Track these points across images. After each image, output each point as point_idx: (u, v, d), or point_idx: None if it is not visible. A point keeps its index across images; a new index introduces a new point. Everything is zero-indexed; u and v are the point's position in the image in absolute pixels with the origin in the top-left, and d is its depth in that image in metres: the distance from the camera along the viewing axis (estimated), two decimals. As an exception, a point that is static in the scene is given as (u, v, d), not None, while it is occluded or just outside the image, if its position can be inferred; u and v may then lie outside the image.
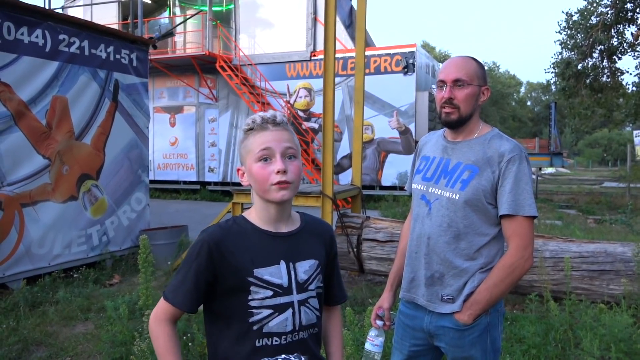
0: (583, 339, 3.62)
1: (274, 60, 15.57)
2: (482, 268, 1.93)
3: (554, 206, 14.24)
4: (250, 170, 1.40)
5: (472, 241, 1.93)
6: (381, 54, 14.29)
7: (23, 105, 5.59)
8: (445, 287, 1.96)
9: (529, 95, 63.21)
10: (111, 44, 6.66)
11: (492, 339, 1.97)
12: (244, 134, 1.43)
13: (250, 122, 1.42)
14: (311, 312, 1.44)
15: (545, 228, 9.90)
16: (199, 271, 1.36)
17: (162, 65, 15.94)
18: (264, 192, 1.39)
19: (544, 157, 15.24)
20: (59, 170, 6.01)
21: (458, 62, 1.96)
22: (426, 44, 50.97)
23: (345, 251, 5.52)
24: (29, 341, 4.17)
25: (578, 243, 4.90)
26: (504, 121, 53.50)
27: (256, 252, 1.39)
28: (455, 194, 1.93)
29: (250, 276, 1.36)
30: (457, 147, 2.00)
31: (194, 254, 1.38)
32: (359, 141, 6.17)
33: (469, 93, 1.92)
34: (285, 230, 1.46)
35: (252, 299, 1.36)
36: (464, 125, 1.97)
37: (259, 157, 1.38)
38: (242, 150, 1.43)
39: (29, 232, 5.66)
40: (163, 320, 1.39)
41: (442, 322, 1.97)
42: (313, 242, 1.50)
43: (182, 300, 1.37)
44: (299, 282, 1.42)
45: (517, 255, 1.87)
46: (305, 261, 1.45)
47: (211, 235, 1.39)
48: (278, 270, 1.39)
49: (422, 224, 2.03)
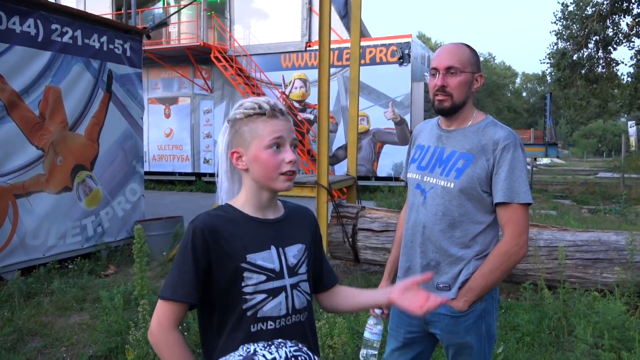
0: (577, 327, 3.66)
1: (269, 51, 15.50)
2: (477, 255, 1.94)
3: (549, 196, 14.30)
4: (257, 156, 1.39)
5: (467, 229, 1.93)
6: (377, 44, 14.24)
7: (15, 95, 5.54)
8: (441, 275, 1.96)
9: (525, 87, 63.25)
10: (104, 34, 6.60)
11: (487, 326, 1.98)
12: (248, 117, 1.40)
13: (256, 107, 1.40)
14: (302, 296, 1.46)
15: (540, 218, 9.94)
16: (196, 259, 1.34)
17: (157, 56, 15.84)
18: (269, 179, 1.39)
19: (539, 148, 15.28)
20: (52, 161, 5.98)
21: (451, 49, 1.94)
22: (422, 34, 50.86)
23: (341, 241, 5.53)
24: (23, 331, 4.16)
25: (572, 232, 4.93)
26: (500, 112, 53.52)
27: (248, 238, 1.39)
28: (450, 183, 1.92)
29: (243, 262, 1.36)
30: (452, 136, 1.99)
31: (189, 242, 1.35)
32: (354, 131, 6.16)
33: (461, 80, 1.91)
34: (272, 217, 1.47)
35: (245, 285, 1.36)
36: (458, 113, 1.97)
37: (270, 145, 1.37)
38: (246, 133, 1.40)
39: (23, 223, 5.64)
40: (169, 328, 1.32)
41: (437, 309, 1.96)
42: (298, 227, 1.52)
43: (185, 291, 1.32)
44: (289, 266, 1.43)
45: (512, 242, 1.87)
46: (293, 246, 1.47)
47: (203, 222, 1.37)
48: (270, 255, 1.40)
49: (418, 212, 2.03)
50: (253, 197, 1.44)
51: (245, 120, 1.41)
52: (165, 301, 1.33)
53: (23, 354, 3.78)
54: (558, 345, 3.86)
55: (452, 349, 2.02)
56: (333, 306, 1.63)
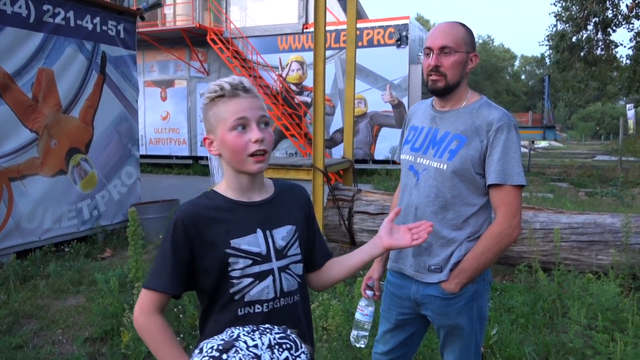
0: (571, 308, 3.67)
1: (266, 33, 15.34)
2: (469, 237, 1.93)
3: (546, 179, 14.31)
4: (223, 140, 1.35)
5: (460, 211, 1.92)
6: (374, 26, 14.10)
7: (8, 77, 5.48)
8: (433, 257, 1.96)
9: (523, 69, 62.93)
10: (97, 15, 6.51)
11: (479, 307, 1.98)
12: (211, 101, 1.37)
13: (217, 89, 1.36)
14: (292, 279, 1.44)
15: (537, 200, 9.95)
16: (177, 250, 1.34)
17: (152, 38, 15.67)
18: (239, 162, 1.36)
19: (536, 131, 15.24)
20: (47, 144, 5.94)
21: (445, 28, 1.91)
22: (420, 16, 50.42)
23: (337, 224, 5.53)
24: (19, 314, 4.17)
25: (568, 214, 4.93)
26: (498, 95, 53.31)
27: (231, 223, 1.37)
28: (443, 164, 1.91)
29: (227, 247, 1.35)
30: (445, 117, 1.97)
31: (170, 234, 1.35)
32: (350, 114, 6.12)
33: (456, 60, 1.88)
34: (258, 199, 1.44)
35: (232, 270, 1.35)
36: (452, 94, 1.94)
37: (234, 126, 1.33)
38: (212, 118, 1.37)
39: (17, 207, 5.62)
40: (150, 313, 1.35)
41: (429, 291, 1.97)
42: (289, 207, 1.49)
43: (165, 282, 1.34)
44: (277, 249, 1.41)
45: (505, 224, 1.86)
46: (282, 227, 1.44)
47: (184, 212, 1.37)
48: (255, 239, 1.39)
49: (410, 194, 2.01)
50: (233, 180, 1.42)
51: (210, 104, 1.37)
52: (147, 289, 1.36)
53: (19, 336, 3.79)
54: (552, 327, 3.88)
55: (444, 331, 2.02)
56: (326, 281, 1.59)
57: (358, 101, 14.48)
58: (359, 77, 14.21)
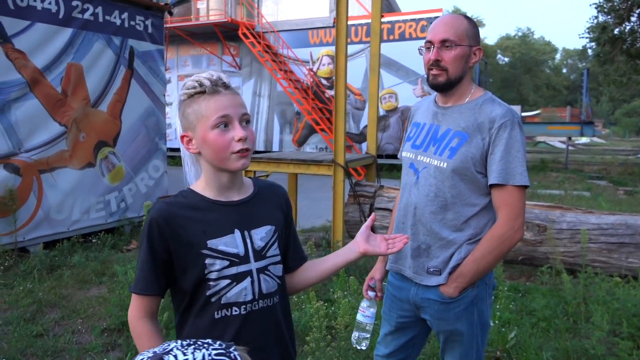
0: (594, 313, 3.52)
1: (297, 27, 15.32)
2: (470, 239, 1.85)
3: (584, 177, 13.85)
4: (204, 138, 1.31)
5: (460, 212, 1.85)
6: (406, 19, 13.90)
7: (38, 72, 5.62)
8: (432, 259, 1.89)
9: (565, 63, 61.04)
10: (125, 10, 6.61)
11: (480, 313, 1.90)
12: (190, 98, 1.33)
13: (197, 85, 1.31)
14: (272, 280, 1.41)
15: (572, 199, 9.64)
16: (153, 250, 1.32)
17: (186, 33, 15.88)
18: (221, 160, 1.32)
19: (574, 127, 14.72)
20: (75, 137, 6.07)
21: (446, 21, 1.83)
22: (457, 9, 49.48)
23: (358, 220, 5.47)
24: (43, 303, 4.28)
25: (598, 215, 4.73)
26: (538, 89, 51.97)
27: (208, 223, 1.34)
28: (443, 162, 1.83)
29: (204, 248, 1.31)
30: (448, 113, 1.89)
31: (145, 235, 1.33)
32: (375, 108, 6.04)
33: (457, 54, 1.80)
34: (237, 199, 1.40)
35: (209, 272, 1.32)
36: (454, 89, 1.86)
37: (216, 124, 1.29)
38: (191, 115, 1.32)
39: (47, 198, 5.77)
40: (139, 318, 1.35)
41: (427, 294, 1.91)
42: (269, 207, 1.46)
43: (143, 285, 1.34)
44: (255, 250, 1.38)
45: (506, 226, 1.78)
46: (261, 228, 1.40)
47: (158, 211, 1.33)
48: (233, 240, 1.35)
49: (410, 193, 1.95)
50: (212, 179, 1.37)
51: (188, 101, 1.33)
52: (134, 294, 1.37)
53: (40, 324, 3.89)
54: (575, 332, 3.73)
55: (443, 336, 1.95)
56: (298, 284, 1.56)
57: (389, 95, 14.34)
58: (390, 71, 14.06)
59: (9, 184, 5.34)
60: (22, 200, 5.49)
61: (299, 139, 15.67)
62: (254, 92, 16.23)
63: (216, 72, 1.35)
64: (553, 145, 25.17)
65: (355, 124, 14.83)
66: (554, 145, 25.28)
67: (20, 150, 5.48)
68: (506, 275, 4.84)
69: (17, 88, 5.43)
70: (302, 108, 14.72)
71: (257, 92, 16.18)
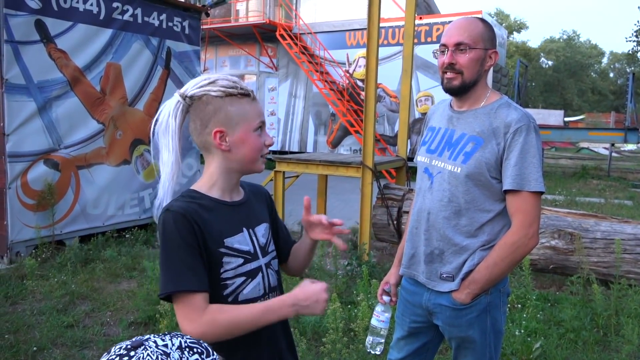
0: (624, 326, 3.39)
1: (335, 28, 15.34)
2: (483, 246, 1.82)
3: (627, 185, 13.33)
4: (244, 138, 1.34)
5: (474, 217, 1.82)
6: (444, 21, 13.72)
7: (78, 71, 5.82)
8: (445, 265, 1.87)
9: (612, 67, 58.98)
10: (164, 11, 6.77)
11: (493, 320, 1.87)
12: (230, 97, 1.32)
13: (240, 88, 1.33)
14: (274, 274, 1.48)
15: (612, 208, 9.31)
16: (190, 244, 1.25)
17: (225, 34, 16.13)
18: (252, 161, 1.38)
19: (617, 133, 14.18)
20: (112, 135, 6.26)
21: (461, 24, 1.81)
22: (500, 11, 48.53)
23: (385, 223, 5.44)
24: (75, 295, 4.43)
25: (634, 224, 4.56)
26: (582, 94, 50.44)
27: (222, 222, 1.35)
28: (457, 167, 1.81)
29: (222, 247, 1.33)
30: (463, 117, 1.87)
31: (174, 230, 1.24)
32: (406, 111, 5.99)
33: (472, 57, 1.77)
34: (237, 199, 1.44)
35: (225, 270, 1.33)
36: (469, 93, 1.84)
37: (256, 127, 1.36)
38: (234, 113, 1.32)
39: (84, 193, 5.97)
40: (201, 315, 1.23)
41: (440, 300, 1.89)
42: (259, 206, 1.52)
43: (197, 279, 1.24)
44: (261, 246, 1.44)
45: (520, 233, 1.74)
46: (260, 225, 1.46)
47: (182, 207, 1.28)
48: (244, 238, 1.39)
49: (424, 198, 1.93)
50: (224, 180, 1.39)
51: (228, 99, 1.32)
52: (183, 298, 1.23)
53: (72, 315, 4.03)
54: (604, 345, 3.61)
55: (455, 342, 1.93)
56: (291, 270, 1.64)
57: (425, 98, 14.18)
58: (427, 73, 13.91)
59: (49, 178, 5.54)
60: (60, 195, 5.70)
61: (333, 141, 15.68)
62: (290, 93, 16.34)
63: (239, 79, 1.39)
64: (597, 152, 24.37)
65: (390, 126, 14.74)
66: (598, 151, 24.48)
67: (59, 147, 5.69)
68: (535, 284, 4.72)
69: (59, 86, 5.64)
70: (337, 109, 14.73)
71: (293, 93, 16.28)
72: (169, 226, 1.25)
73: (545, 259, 4.67)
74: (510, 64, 28.27)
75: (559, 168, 16.43)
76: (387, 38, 14.22)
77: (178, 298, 1.23)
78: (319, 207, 6.85)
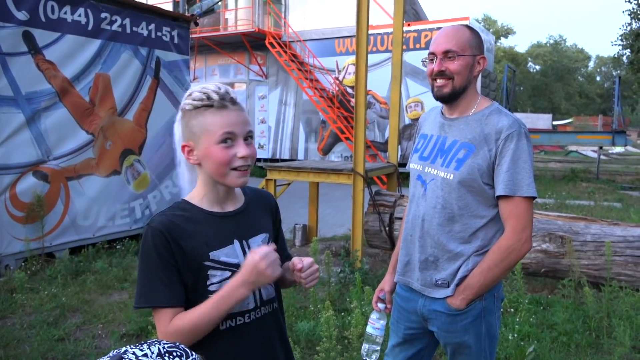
0: (616, 328, 3.41)
1: (324, 36, 15.41)
2: (477, 251, 1.83)
3: (616, 187, 13.47)
4: (207, 151, 1.30)
5: (467, 223, 1.83)
6: (432, 28, 13.82)
7: (67, 82, 5.79)
8: (440, 272, 1.87)
9: (599, 70, 59.67)
10: (152, 21, 6.76)
11: (488, 325, 1.87)
12: (197, 109, 1.30)
13: (204, 97, 1.30)
14: (270, 286, 1.43)
15: (602, 210, 9.39)
16: (165, 260, 1.27)
17: (214, 42, 16.14)
18: (221, 175, 1.32)
19: (605, 136, 14.35)
20: (102, 146, 6.22)
21: (448, 32, 1.83)
22: (487, 17, 48.99)
23: (377, 230, 5.44)
24: (66, 307, 4.38)
25: (624, 227, 4.60)
26: (570, 97, 50.97)
27: (209, 235, 1.33)
28: (450, 174, 1.82)
29: (206, 260, 1.31)
30: (454, 124, 1.88)
31: (151, 246, 1.27)
32: (396, 118, 6.01)
33: (461, 64, 1.79)
34: (232, 209, 1.41)
35: (210, 284, 1.31)
36: (459, 100, 1.86)
37: (221, 140, 1.29)
38: (195, 127, 1.30)
39: (74, 205, 5.92)
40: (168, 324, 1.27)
41: (435, 306, 1.89)
42: (260, 215, 1.47)
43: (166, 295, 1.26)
44: None
45: (513, 238, 1.76)
46: (257, 236, 1.42)
47: (161, 223, 1.29)
48: (233, 250, 1.36)
49: (418, 205, 1.94)
50: (210, 191, 1.37)
51: (194, 112, 1.31)
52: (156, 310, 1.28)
53: (63, 328, 3.98)
54: (597, 347, 3.62)
55: (450, 348, 1.93)
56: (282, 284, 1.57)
57: (415, 104, 14.26)
58: (416, 79, 13.99)
59: (38, 190, 5.50)
60: (49, 207, 5.65)
61: (324, 148, 15.70)
62: (280, 100, 16.36)
63: (223, 85, 1.35)
64: (586, 155, 24.61)
65: (381, 132, 14.79)
66: (586, 154, 24.72)
67: (48, 158, 5.65)
68: (528, 288, 4.74)
69: (47, 97, 5.61)
70: (328, 117, 14.77)
71: (283, 100, 16.30)
72: (146, 242, 1.29)
73: (536, 263, 4.69)
74: (498, 69, 28.52)
75: (548, 171, 16.57)
76: (375, 45, 14.29)
77: (154, 310, 1.29)
78: (310, 215, 6.84)
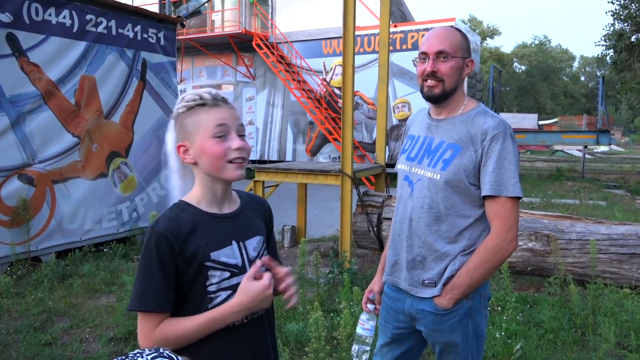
0: (601, 325, 3.46)
1: (311, 37, 15.43)
2: (464, 251, 1.85)
3: (601, 186, 13.65)
4: (202, 147, 1.34)
5: (454, 223, 1.85)
6: (419, 29, 13.90)
7: (52, 84, 5.74)
8: (427, 271, 1.89)
9: (583, 70, 60.34)
10: (138, 23, 6.73)
11: (475, 324, 1.89)
12: (190, 110, 1.37)
13: (197, 98, 1.36)
14: None
15: (587, 209, 9.51)
16: (163, 266, 1.29)
17: (201, 44, 16.08)
18: (218, 169, 1.35)
19: (589, 135, 14.53)
20: (88, 148, 6.18)
21: (441, 33, 1.85)
22: (473, 18, 49.32)
23: (366, 230, 5.46)
24: (53, 312, 4.34)
25: (608, 225, 4.67)
26: (555, 97, 51.45)
27: (209, 235, 1.36)
28: (436, 174, 1.84)
29: (207, 260, 1.34)
30: (441, 125, 1.90)
31: (153, 251, 1.29)
32: (383, 118, 6.04)
33: (453, 66, 1.81)
34: (229, 211, 1.44)
35: (210, 284, 1.34)
36: (447, 101, 1.88)
37: (215, 134, 1.34)
38: (190, 126, 1.36)
39: (60, 208, 5.87)
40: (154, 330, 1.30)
41: (422, 306, 1.91)
42: (254, 218, 1.51)
43: (159, 301, 1.29)
44: (250, 260, 1.42)
45: (499, 237, 1.78)
46: (253, 238, 1.45)
47: (165, 227, 1.32)
48: (232, 251, 1.39)
49: (405, 205, 1.96)
50: (207, 191, 1.40)
51: (188, 113, 1.37)
52: (143, 314, 1.30)
53: (50, 333, 3.94)
54: (583, 344, 3.67)
55: (438, 347, 1.95)
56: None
57: (402, 104, 14.33)
58: (403, 80, 14.06)
59: (23, 194, 5.44)
60: (35, 210, 5.59)
61: (312, 149, 15.72)
62: (267, 102, 16.34)
63: (214, 89, 1.41)
64: (571, 154, 24.89)
65: (369, 133, 14.83)
66: (572, 154, 25.00)
67: (34, 161, 5.59)
68: (514, 286, 4.78)
69: (32, 100, 5.55)
70: (315, 118, 14.79)
71: (271, 102, 16.29)
72: (149, 246, 1.30)
73: (523, 261, 4.74)
74: (484, 70, 28.71)
75: (534, 171, 16.73)
76: (362, 46, 14.34)
77: (141, 313, 1.31)
78: (299, 216, 6.85)
